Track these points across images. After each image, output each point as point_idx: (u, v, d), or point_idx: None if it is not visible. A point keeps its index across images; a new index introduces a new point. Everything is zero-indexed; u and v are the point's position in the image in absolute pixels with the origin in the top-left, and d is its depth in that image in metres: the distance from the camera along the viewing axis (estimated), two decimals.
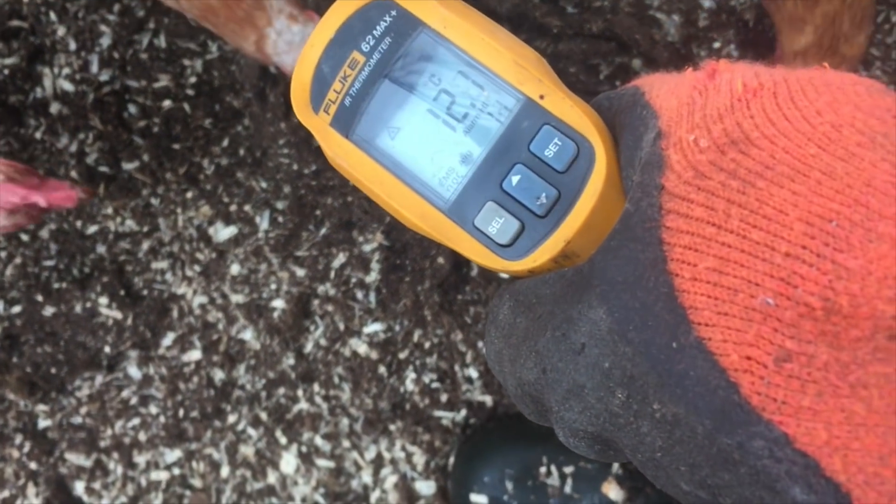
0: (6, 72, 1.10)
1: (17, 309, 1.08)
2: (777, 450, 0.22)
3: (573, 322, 0.26)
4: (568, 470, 0.93)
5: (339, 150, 0.32)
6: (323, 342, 1.03)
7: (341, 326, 1.03)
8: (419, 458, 1.03)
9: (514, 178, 0.30)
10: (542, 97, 0.30)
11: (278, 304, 1.04)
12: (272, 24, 0.78)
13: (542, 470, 0.93)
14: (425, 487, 1.03)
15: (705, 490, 0.24)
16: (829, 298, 0.21)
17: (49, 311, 1.07)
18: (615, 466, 0.92)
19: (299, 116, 0.32)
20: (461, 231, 0.31)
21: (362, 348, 1.03)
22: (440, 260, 1.01)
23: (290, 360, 1.04)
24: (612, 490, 0.91)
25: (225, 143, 1.07)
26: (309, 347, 1.04)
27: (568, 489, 0.92)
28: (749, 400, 0.22)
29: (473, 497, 0.94)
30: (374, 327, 1.03)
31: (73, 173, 1.08)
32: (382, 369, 1.03)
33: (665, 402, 0.23)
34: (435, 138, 0.31)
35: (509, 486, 0.93)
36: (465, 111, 0.31)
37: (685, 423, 0.23)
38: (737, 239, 0.23)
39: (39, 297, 1.07)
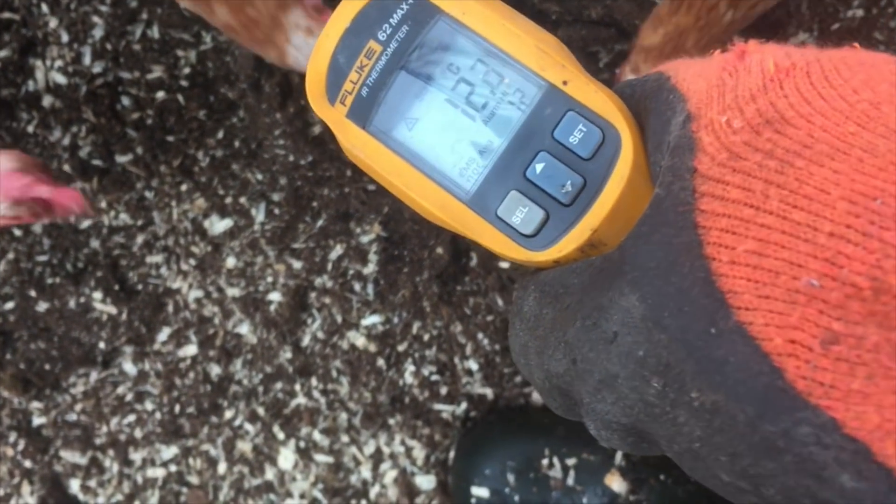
0: None
1: (9, 305, 1.06)
2: (825, 436, 0.21)
3: (604, 310, 0.25)
4: (570, 462, 0.91)
5: (356, 142, 0.31)
6: (320, 335, 1.02)
7: (339, 319, 1.01)
8: (419, 453, 1.01)
9: (538, 167, 0.29)
10: (565, 83, 0.29)
11: (275, 297, 1.02)
12: (290, 41, 0.78)
13: (545, 462, 0.91)
14: (425, 482, 1.01)
15: (747, 480, 0.23)
16: (877, 278, 0.21)
17: (42, 306, 1.06)
18: (618, 458, 0.91)
19: (315, 108, 0.32)
20: (483, 222, 0.30)
21: (360, 341, 1.01)
22: (439, 250, 0.99)
23: (287, 354, 1.02)
24: (616, 482, 0.90)
25: (220, 134, 1.05)
26: (306, 341, 1.02)
27: (570, 481, 0.91)
28: (794, 385, 0.21)
29: (475, 490, 0.92)
30: (372, 319, 1.01)
31: (67, 167, 1.06)
32: (381, 362, 1.01)
33: (704, 389, 0.23)
34: (454, 128, 0.30)
35: (511, 478, 0.91)
36: (485, 100, 0.30)
37: (725, 410, 0.22)
38: (777, 220, 0.22)
39: (32, 293, 1.06)
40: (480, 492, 0.92)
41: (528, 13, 0.99)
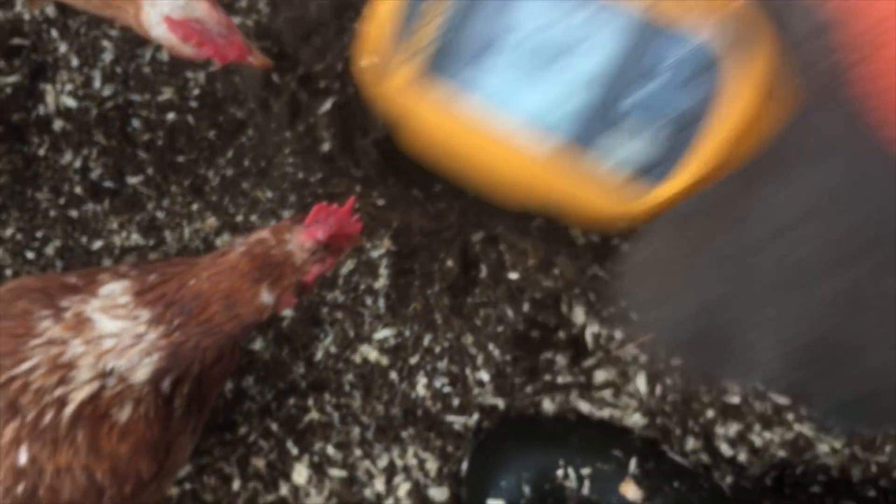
0: (8, 90, 1.05)
1: None
2: None
3: (763, 208, 0.22)
4: (585, 472, 0.88)
5: (425, 105, 0.28)
6: (333, 350, 0.98)
7: (351, 333, 0.98)
8: (432, 465, 0.97)
9: (636, 98, 0.26)
10: (652, 6, 0.26)
11: (287, 312, 0.99)
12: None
13: (560, 473, 0.88)
14: (438, 494, 0.97)
15: None
16: None
17: None
18: (632, 466, 0.87)
19: (369, 80, 0.28)
20: (581, 171, 0.27)
21: (373, 355, 0.97)
22: (449, 263, 0.96)
23: (300, 370, 0.99)
24: (630, 490, 0.86)
25: (230, 154, 1.02)
26: (319, 356, 0.98)
27: (586, 491, 0.87)
28: None
29: (491, 502, 0.89)
30: (384, 333, 0.97)
31: (78, 189, 1.03)
32: (394, 375, 0.97)
33: None
34: (540, 71, 0.27)
35: (527, 490, 0.88)
36: (570, 36, 0.27)
37: None
38: None
39: None
40: None
41: None
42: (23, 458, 0.68)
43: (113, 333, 0.69)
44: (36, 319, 0.70)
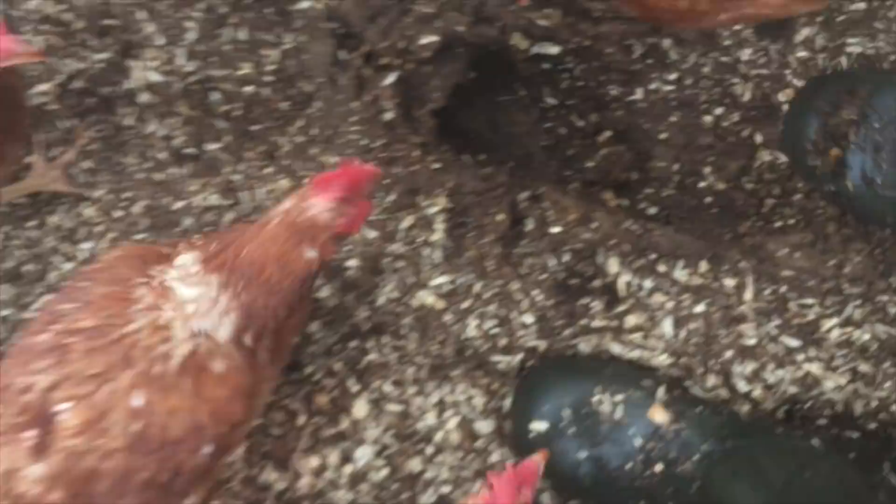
0: (100, 66, 1.17)
1: None
2: None
3: None
4: (618, 398, 0.99)
5: None
6: (394, 295, 1.09)
7: (410, 280, 1.09)
8: (478, 400, 1.08)
9: None
10: None
11: (352, 262, 1.10)
12: None
13: (595, 399, 0.99)
14: (484, 426, 1.07)
15: None
16: None
17: None
18: (660, 393, 0.99)
19: None
20: None
21: (430, 299, 1.09)
22: (500, 217, 1.08)
23: (363, 314, 1.10)
24: (658, 414, 0.97)
25: (300, 123, 1.14)
26: (381, 300, 1.10)
27: (618, 415, 0.98)
28: None
29: (534, 425, 1.00)
30: (440, 280, 1.09)
31: (164, 154, 1.15)
32: (447, 317, 1.08)
33: None
34: None
35: (566, 413, 0.99)
36: None
37: None
38: None
39: None
40: (539, 426, 1.00)
41: (575, 10, 1.09)
42: (138, 401, 0.78)
43: (192, 299, 0.80)
44: (133, 286, 0.81)
